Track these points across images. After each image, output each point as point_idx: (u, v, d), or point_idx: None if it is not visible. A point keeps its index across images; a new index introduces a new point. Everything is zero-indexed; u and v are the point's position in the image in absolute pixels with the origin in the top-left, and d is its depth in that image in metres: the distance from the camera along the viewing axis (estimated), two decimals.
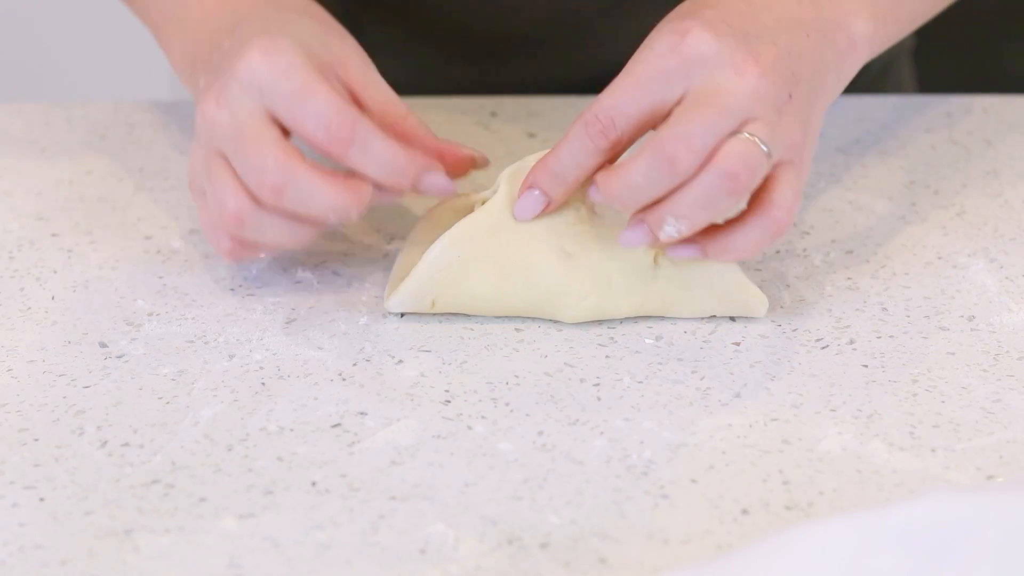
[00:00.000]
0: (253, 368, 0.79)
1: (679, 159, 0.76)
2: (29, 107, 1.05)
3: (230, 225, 0.79)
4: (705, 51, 0.77)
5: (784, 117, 0.78)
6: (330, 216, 0.79)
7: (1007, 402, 0.77)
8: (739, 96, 0.76)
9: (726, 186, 0.76)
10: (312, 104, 0.78)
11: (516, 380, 0.79)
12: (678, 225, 0.77)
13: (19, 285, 0.86)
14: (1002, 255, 0.88)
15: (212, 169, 0.79)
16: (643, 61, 0.78)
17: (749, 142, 0.76)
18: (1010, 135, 1.01)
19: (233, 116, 0.78)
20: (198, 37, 0.85)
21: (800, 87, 0.79)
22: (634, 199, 0.77)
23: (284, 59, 0.78)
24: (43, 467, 0.73)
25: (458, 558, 0.68)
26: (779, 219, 0.78)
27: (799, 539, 0.62)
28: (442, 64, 1.09)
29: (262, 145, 0.78)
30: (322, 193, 0.78)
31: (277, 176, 0.77)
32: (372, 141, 0.79)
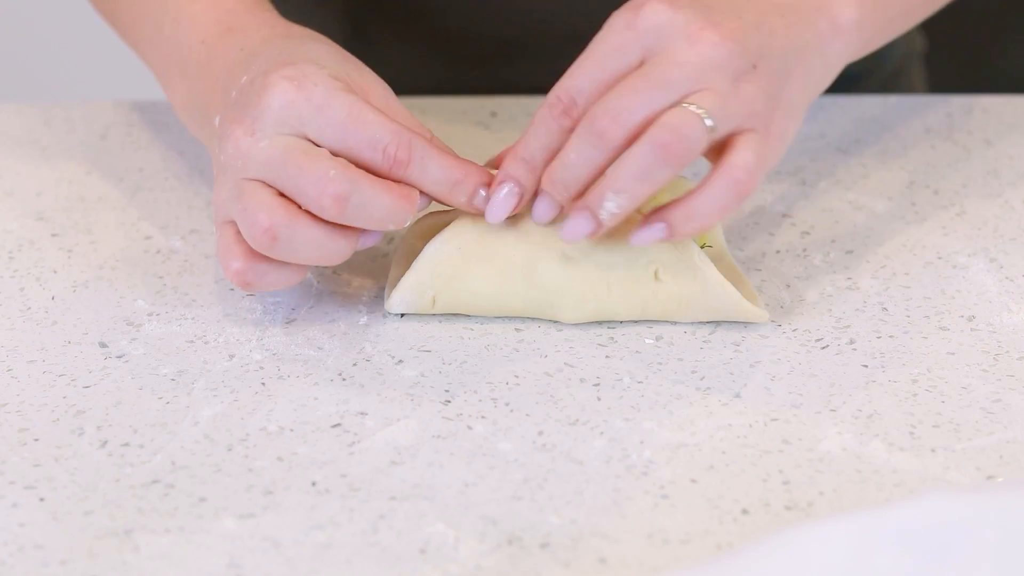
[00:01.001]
0: (253, 368, 0.79)
1: (607, 133, 0.76)
2: (29, 107, 1.05)
3: (261, 240, 0.77)
4: (658, 21, 0.77)
5: (743, 86, 0.77)
6: (388, 224, 0.78)
7: (1007, 402, 0.77)
8: (685, 66, 0.76)
9: (659, 156, 0.75)
10: (365, 129, 0.78)
11: (516, 380, 0.79)
12: (617, 199, 0.76)
13: (19, 285, 0.86)
14: (1002, 255, 0.88)
15: (245, 192, 0.78)
16: (600, 40, 0.78)
17: (687, 112, 0.76)
18: (1010, 135, 1.01)
19: (273, 143, 0.77)
20: (205, 80, 0.84)
21: (768, 60, 0.78)
22: (572, 179, 0.78)
23: (320, 89, 0.78)
24: (43, 467, 0.73)
25: (458, 558, 0.68)
26: (739, 179, 0.77)
27: (799, 539, 0.62)
28: (443, 65, 1.09)
29: (319, 160, 0.77)
30: (383, 201, 0.77)
31: (340, 185, 0.76)
32: (429, 159, 0.79)
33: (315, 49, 0.81)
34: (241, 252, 0.79)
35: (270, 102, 0.78)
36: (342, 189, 0.76)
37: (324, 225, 0.78)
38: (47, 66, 1.86)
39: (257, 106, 0.78)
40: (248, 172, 0.78)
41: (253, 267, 0.79)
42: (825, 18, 0.82)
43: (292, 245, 0.77)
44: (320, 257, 0.79)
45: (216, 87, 0.83)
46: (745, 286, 0.84)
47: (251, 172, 0.78)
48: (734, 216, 0.92)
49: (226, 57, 0.83)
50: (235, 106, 0.80)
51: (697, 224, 0.78)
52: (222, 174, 0.80)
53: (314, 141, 0.78)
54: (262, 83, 0.78)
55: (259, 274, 0.79)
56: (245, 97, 0.79)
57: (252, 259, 0.79)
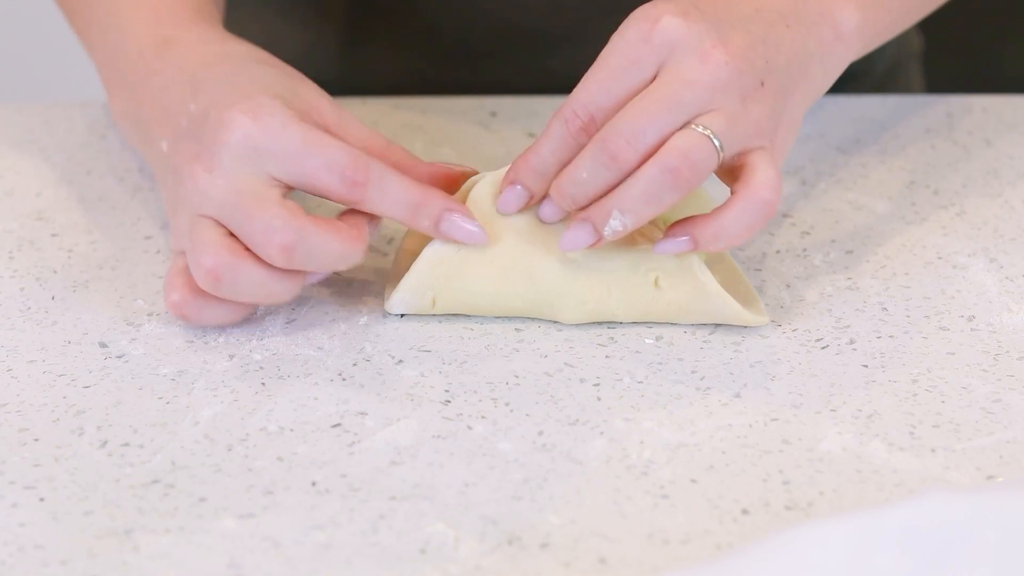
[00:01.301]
0: (253, 368, 0.79)
1: (621, 155, 0.76)
2: (29, 107, 1.05)
3: (204, 279, 0.78)
4: (674, 36, 0.77)
5: (751, 105, 0.78)
6: (337, 266, 0.79)
7: (1007, 402, 0.77)
8: (696, 87, 0.76)
9: (668, 180, 0.76)
10: (320, 156, 0.78)
11: (516, 380, 0.79)
12: (623, 219, 0.77)
13: (19, 285, 0.86)
14: (1002, 255, 0.88)
15: (196, 228, 0.78)
16: (615, 51, 0.78)
17: (696, 135, 0.76)
18: (1010, 135, 1.01)
19: (229, 183, 0.77)
20: (143, 95, 0.84)
21: (774, 76, 0.79)
22: (581, 194, 0.78)
23: (275, 119, 0.78)
24: (43, 467, 0.73)
25: (458, 558, 0.68)
26: (767, 199, 0.77)
27: (799, 539, 0.62)
28: (437, 64, 1.09)
29: (266, 207, 0.77)
30: (331, 247, 0.77)
31: (286, 235, 0.76)
32: (387, 180, 0.78)
33: (262, 73, 0.81)
34: (182, 284, 0.80)
35: (228, 138, 0.78)
36: (288, 239, 0.77)
37: (269, 268, 0.78)
38: (47, 66, 1.86)
39: (215, 142, 0.78)
40: (202, 209, 0.78)
41: (192, 301, 0.79)
42: (828, 25, 0.82)
43: (235, 286, 0.78)
44: (264, 297, 0.79)
45: (156, 106, 0.83)
46: (745, 287, 0.84)
47: (205, 209, 0.78)
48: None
49: (164, 75, 0.83)
50: (189, 138, 0.80)
51: (724, 243, 0.78)
52: (181, 205, 0.80)
53: (274, 175, 0.78)
54: (218, 119, 0.78)
55: (197, 308, 0.80)
56: (199, 131, 0.79)
57: (192, 293, 0.79)
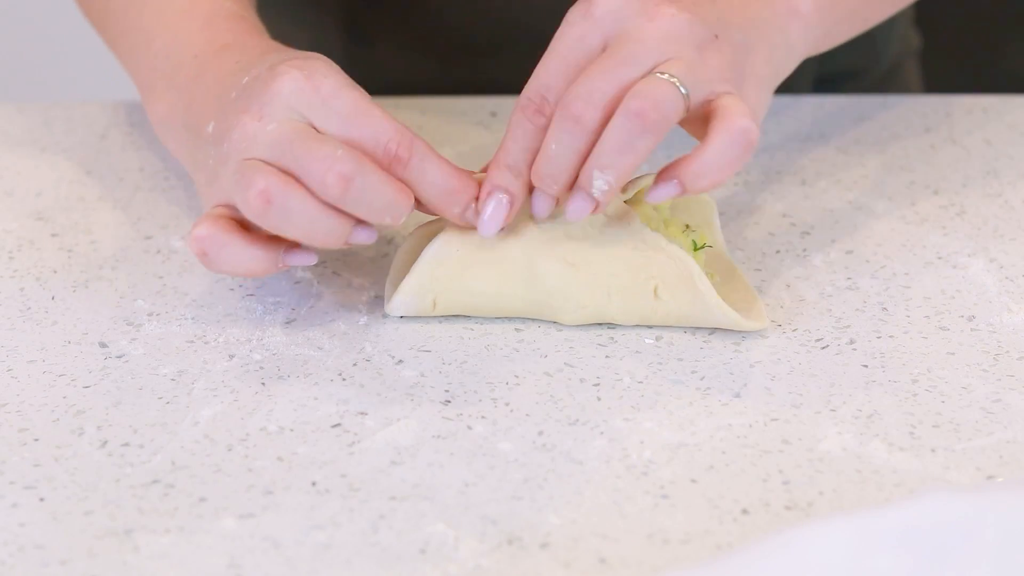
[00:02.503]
0: (253, 368, 0.79)
1: (583, 116, 0.76)
2: (29, 107, 1.05)
3: (255, 203, 0.76)
4: (613, 6, 0.78)
5: (708, 55, 0.78)
6: (385, 216, 0.78)
7: (1007, 402, 0.77)
8: (647, 41, 0.77)
9: (636, 125, 0.76)
10: (369, 123, 0.78)
11: (516, 380, 0.79)
12: (605, 176, 0.77)
13: (19, 285, 0.86)
14: (1002, 255, 0.88)
15: (245, 166, 0.77)
16: (560, 35, 0.79)
17: (658, 79, 0.76)
18: (1010, 135, 1.01)
19: (281, 126, 0.77)
20: (195, 92, 0.84)
21: (729, 31, 0.79)
22: (558, 169, 0.78)
23: (329, 80, 0.78)
24: (43, 467, 0.73)
25: (458, 558, 0.68)
26: (746, 127, 0.77)
27: (799, 539, 0.62)
28: (439, 64, 1.09)
29: (325, 141, 0.77)
30: (385, 190, 0.77)
31: (347, 165, 0.76)
32: (428, 161, 0.78)
33: (319, 58, 0.81)
34: (212, 219, 0.78)
35: (280, 88, 0.78)
36: (348, 169, 0.76)
37: (320, 202, 0.77)
38: (47, 66, 1.86)
39: (265, 93, 0.78)
40: (252, 152, 0.78)
41: (217, 236, 0.78)
42: (781, 2, 0.83)
43: (285, 212, 0.76)
44: (309, 233, 0.77)
45: (208, 96, 0.83)
46: (745, 288, 0.84)
47: (256, 152, 0.77)
48: (734, 216, 0.92)
49: (220, 68, 0.83)
50: (239, 100, 0.80)
51: (709, 180, 0.78)
52: (222, 165, 0.79)
53: (318, 130, 0.78)
54: (270, 73, 0.79)
55: (219, 245, 0.78)
56: (250, 90, 0.79)
57: (219, 228, 0.78)
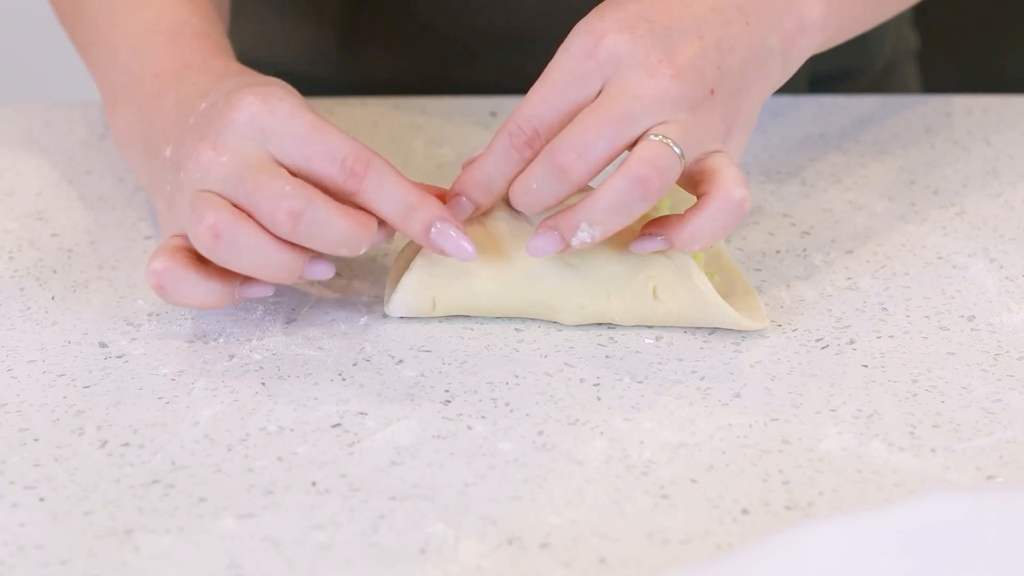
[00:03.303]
0: (253, 368, 0.79)
1: (571, 169, 0.76)
2: (29, 107, 1.05)
3: (204, 237, 0.76)
4: (620, 51, 0.77)
5: (701, 115, 0.78)
6: (341, 248, 0.78)
7: (1007, 402, 0.77)
8: (645, 100, 0.77)
9: (638, 191, 0.76)
10: (323, 141, 0.77)
11: (516, 380, 0.79)
12: (591, 231, 0.77)
13: (19, 285, 0.86)
14: (1002, 255, 0.88)
15: (198, 198, 0.77)
16: (560, 66, 0.78)
17: (661, 145, 0.76)
18: (1010, 135, 1.01)
19: (235, 158, 0.77)
20: (154, 111, 0.84)
21: (725, 80, 0.79)
22: (534, 204, 0.78)
23: (285, 104, 0.78)
24: (43, 467, 0.73)
25: (458, 558, 0.68)
26: (740, 197, 0.77)
27: (799, 539, 0.62)
28: (438, 64, 1.09)
29: (276, 176, 0.77)
30: (337, 222, 0.77)
31: (296, 201, 0.76)
32: (386, 176, 0.78)
33: (276, 82, 0.81)
34: (168, 253, 0.78)
35: (235, 116, 0.78)
36: (296, 205, 0.76)
37: (270, 236, 0.77)
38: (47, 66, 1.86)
39: (222, 121, 0.78)
40: (206, 184, 0.77)
41: (173, 270, 0.78)
42: (792, 17, 0.82)
43: (234, 246, 0.76)
44: (260, 268, 0.77)
45: (166, 119, 0.83)
46: (744, 288, 0.84)
47: (210, 184, 0.77)
48: None
49: (179, 90, 0.83)
50: (196, 127, 0.80)
51: (700, 244, 0.79)
52: (178, 193, 0.79)
53: (276, 156, 0.78)
54: (226, 101, 0.79)
55: (175, 279, 0.78)
56: (207, 117, 0.79)
57: (175, 262, 0.78)
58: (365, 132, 1.01)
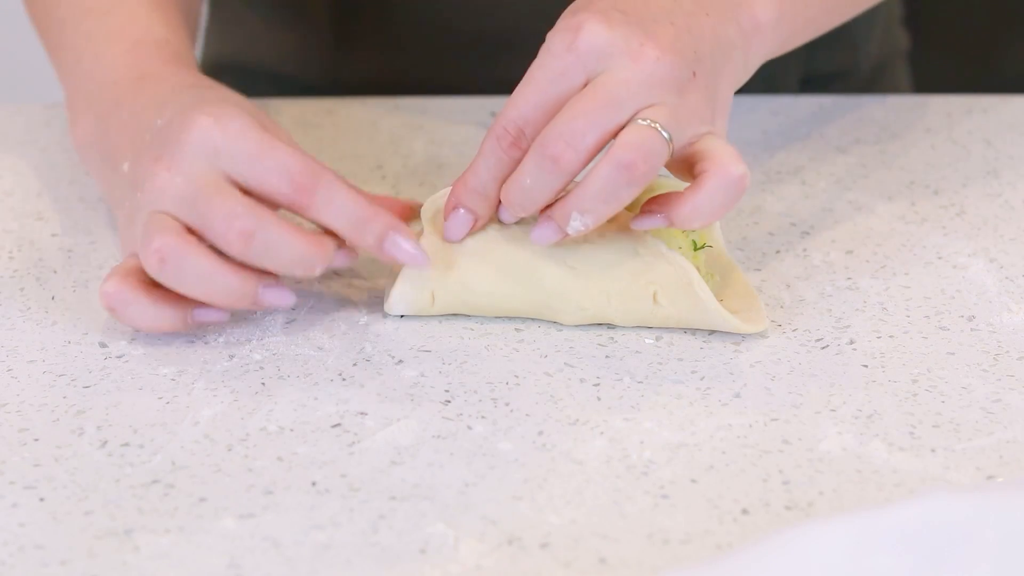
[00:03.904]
0: (253, 368, 0.79)
1: (562, 158, 0.76)
2: (29, 107, 1.05)
3: (150, 260, 0.77)
4: (599, 42, 0.77)
5: (688, 95, 0.78)
6: (295, 269, 0.78)
7: (1007, 402, 0.77)
8: (632, 85, 0.77)
9: (624, 177, 0.76)
10: (273, 158, 0.78)
11: (516, 380, 0.79)
12: (583, 219, 0.77)
13: (19, 285, 0.86)
14: (1002, 255, 0.88)
15: (151, 220, 0.78)
16: (541, 65, 0.78)
17: (646, 129, 0.76)
18: (1010, 135, 1.01)
19: (189, 178, 0.77)
20: (111, 123, 0.84)
21: (704, 64, 0.79)
22: (530, 201, 0.78)
23: (236, 123, 0.78)
24: (43, 467, 0.73)
25: (458, 558, 0.68)
26: (740, 173, 0.77)
27: (799, 539, 0.62)
28: (425, 64, 1.09)
29: (228, 196, 0.77)
30: (290, 243, 0.77)
31: (247, 221, 0.76)
32: (336, 190, 0.78)
33: (232, 97, 0.82)
34: (120, 276, 0.79)
35: (188, 137, 0.78)
36: (248, 224, 0.76)
37: (219, 260, 0.77)
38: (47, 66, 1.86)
39: (176, 142, 0.78)
40: (160, 205, 0.78)
41: (123, 293, 0.78)
42: (746, 15, 0.83)
43: (180, 271, 0.77)
44: (209, 292, 0.78)
45: (124, 132, 0.83)
46: (744, 288, 0.84)
47: (163, 205, 0.78)
48: (734, 216, 0.92)
49: (135, 103, 0.84)
50: (152, 146, 0.80)
51: (699, 222, 0.79)
52: (137, 212, 0.79)
53: (229, 175, 0.78)
54: (181, 121, 0.79)
55: (124, 302, 0.79)
56: (163, 136, 0.80)
57: (125, 285, 0.78)
58: (365, 132, 1.01)
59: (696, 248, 0.83)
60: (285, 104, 1.04)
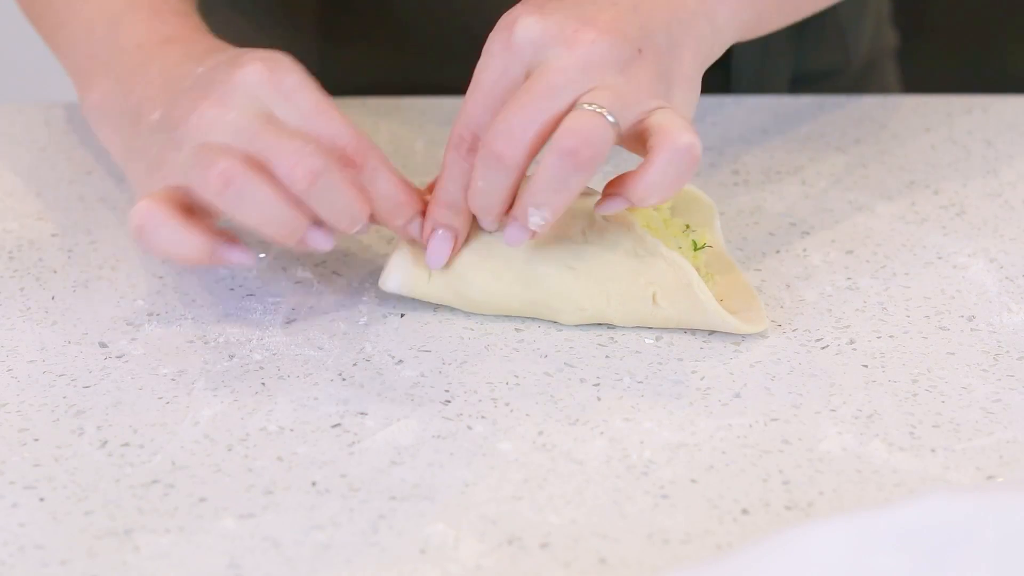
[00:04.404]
0: (253, 368, 0.79)
1: (504, 154, 0.76)
2: (29, 107, 1.05)
3: (215, 182, 0.75)
4: (532, 34, 0.77)
5: (633, 73, 0.77)
6: (343, 219, 0.78)
7: (1007, 402, 0.77)
8: (568, 71, 0.76)
9: (569, 164, 0.75)
10: (328, 123, 0.78)
11: (516, 380, 0.79)
12: (540, 212, 0.77)
13: (19, 285, 0.86)
14: (1002, 255, 0.88)
15: (207, 148, 0.76)
16: (483, 67, 0.79)
17: (588, 113, 0.75)
18: (1010, 135, 1.01)
19: (243, 113, 0.77)
20: (137, 81, 0.84)
21: (653, 39, 0.78)
22: (488, 203, 0.78)
23: (292, 77, 0.78)
24: (43, 467, 0.73)
25: (458, 558, 0.68)
26: (687, 143, 0.75)
27: (799, 539, 0.62)
28: (413, 65, 1.09)
29: (296, 135, 0.77)
30: (348, 192, 0.77)
31: (316, 161, 0.76)
32: (381, 170, 0.79)
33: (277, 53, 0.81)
34: (154, 198, 0.77)
35: (244, 78, 0.78)
36: (317, 165, 0.76)
37: (279, 194, 0.76)
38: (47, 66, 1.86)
39: (228, 82, 0.78)
40: (213, 137, 0.77)
41: (156, 213, 0.77)
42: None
43: (242, 196, 0.76)
44: (265, 220, 0.76)
45: (152, 85, 0.83)
46: (745, 288, 0.84)
47: (217, 137, 0.77)
48: (734, 216, 0.92)
49: (165, 59, 0.84)
50: (195, 88, 0.79)
51: (656, 197, 0.77)
52: (173, 150, 0.78)
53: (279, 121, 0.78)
54: (233, 63, 0.79)
55: (158, 222, 0.76)
56: (208, 79, 0.79)
57: (159, 207, 0.77)
58: (365, 132, 1.01)
59: (696, 248, 0.83)
60: None
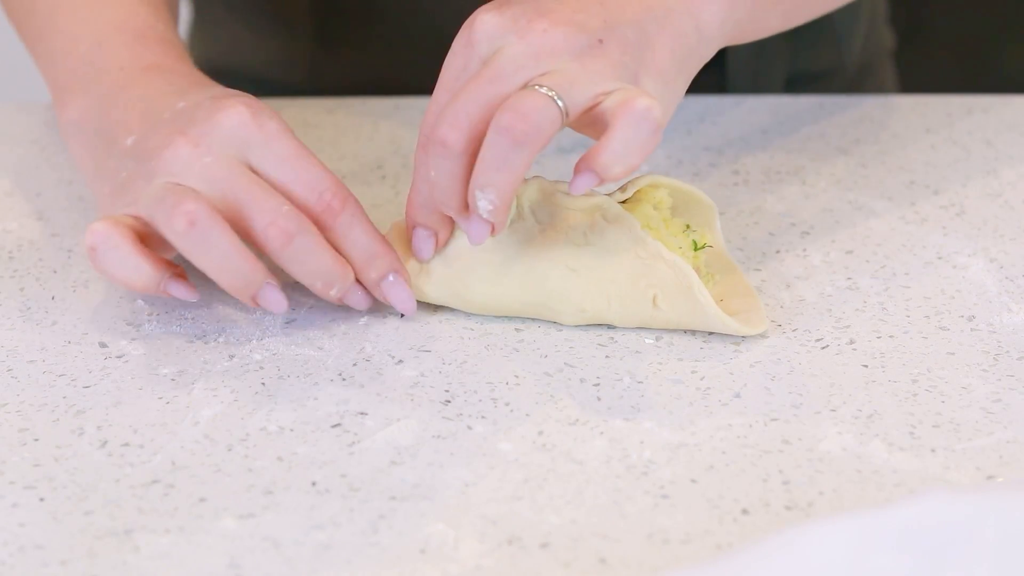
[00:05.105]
0: (253, 368, 0.79)
1: (447, 139, 0.76)
2: (29, 107, 1.05)
3: (178, 222, 0.76)
4: (489, 29, 0.77)
5: (589, 61, 0.76)
6: (317, 282, 0.79)
7: (1007, 402, 0.77)
8: (518, 58, 0.76)
9: (507, 140, 0.75)
10: (307, 170, 0.79)
11: (516, 380, 0.79)
12: (486, 195, 0.76)
13: (19, 285, 0.86)
14: (1002, 255, 0.88)
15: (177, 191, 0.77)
16: (446, 66, 0.79)
17: (528, 91, 0.75)
18: (1010, 135, 1.01)
19: (219, 160, 0.78)
20: (116, 102, 0.84)
21: (617, 32, 0.77)
22: (443, 193, 0.78)
23: (273, 123, 0.79)
24: (43, 467, 0.73)
25: (458, 558, 0.68)
26: (645, 106, 0.75)
27: (799, 539, 0.62)
28: (405, 67, 1.09)
29: (273, 193, 0.78)
30: (322, 256, 0.78)
31: (292, 222, 0.77)
32: (358, 219, 0.80)
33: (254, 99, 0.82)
34: (112, 221, 0.78)
35: (222, 120, 0.79)
36: (292, 227, 0.77)
37: (241, 243, 0.77)
38: None
39: (207, 122, 0.79)
40: (183, 178, 0.78)
41: (111, 235, 0.78)
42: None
43: (204, 241, 0.77)
44: (222, 270, 0.78)
45: (132, 110, 0.83)
46: (745, 289, 0.84)
47: (187, 179, 0.78)
48: (734, 216, 0.92)
49: (148, 86, 0.84)
50: (174, 121, 0.80)
51: (621, 166, 0.76)
52: (141, 179, 0.79)
53: (256, 169, 0.78)
54: (214, 104, 0.79)
55: (110, 244, 0.77)
56: (188, 115, 0.80)
57: (116, 230, 0.78)
58: (365, 132, 1.01)
59: (696, 248, 0.83)
60: (285, 104, 1.04)
